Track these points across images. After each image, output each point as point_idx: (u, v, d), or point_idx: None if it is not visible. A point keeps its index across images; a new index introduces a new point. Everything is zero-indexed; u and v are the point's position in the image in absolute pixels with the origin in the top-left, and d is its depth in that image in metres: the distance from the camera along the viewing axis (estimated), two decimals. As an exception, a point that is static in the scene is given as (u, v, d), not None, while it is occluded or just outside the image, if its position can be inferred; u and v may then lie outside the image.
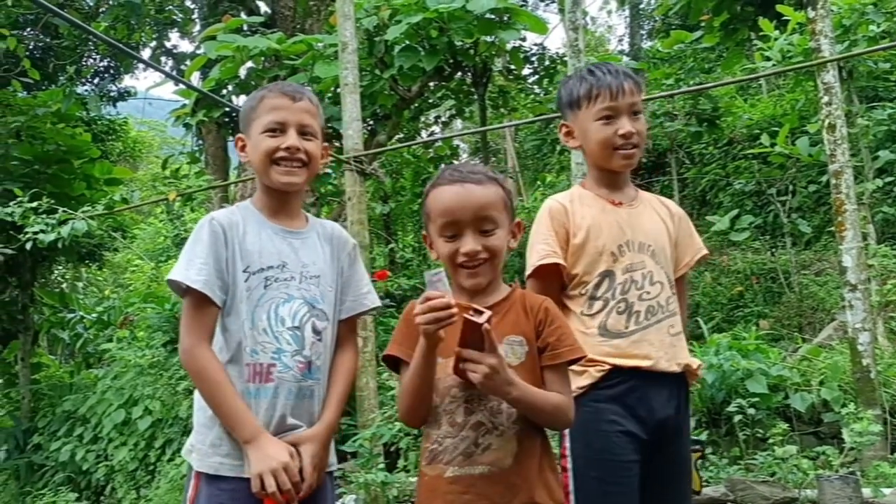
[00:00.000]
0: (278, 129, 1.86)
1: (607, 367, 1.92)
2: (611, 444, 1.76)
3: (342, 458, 4.97)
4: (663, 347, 1.97)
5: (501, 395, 1.58)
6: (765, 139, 7.29)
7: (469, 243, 1.66)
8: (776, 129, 8.14)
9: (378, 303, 2.03)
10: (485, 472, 1.60)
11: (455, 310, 1.54)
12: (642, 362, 1.90)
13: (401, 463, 4.26)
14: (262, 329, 1.80)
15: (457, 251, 1.67)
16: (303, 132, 1.88)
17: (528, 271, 2.03)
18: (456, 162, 11.15)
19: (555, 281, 1.98)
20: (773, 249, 8.88)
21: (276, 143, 1.85)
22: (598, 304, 1.97)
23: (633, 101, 2.03)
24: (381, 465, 4.31)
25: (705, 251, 2.19)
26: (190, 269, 1.78)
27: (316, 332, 1.85)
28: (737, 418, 4.64)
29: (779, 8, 7.19)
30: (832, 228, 5.42)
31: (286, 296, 1.83)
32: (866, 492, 4.01)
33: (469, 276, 1.68)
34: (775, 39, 6.94)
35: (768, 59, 6.91)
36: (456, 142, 11.56)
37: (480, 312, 1.56)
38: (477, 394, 1.62)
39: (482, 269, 1.68)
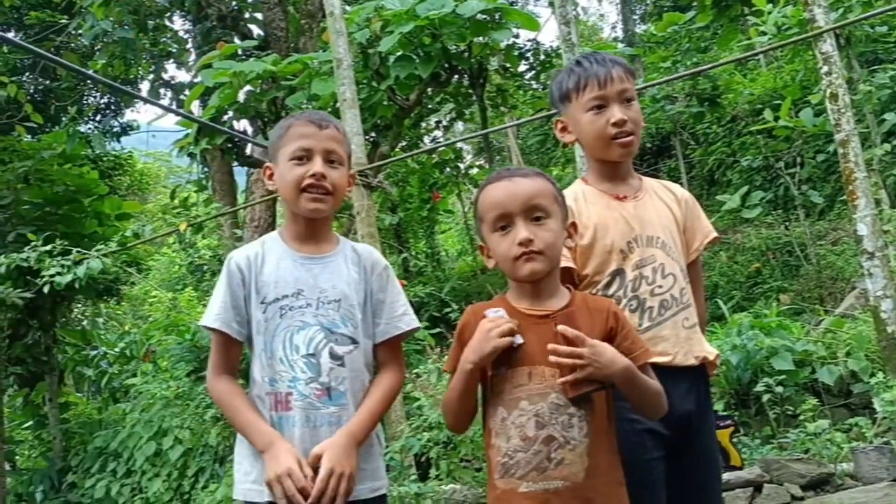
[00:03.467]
0: (305, 157, 1.88)
1: None
2: (632, 444, 1.74)
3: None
4: (679, 342, 1.94)
5: (618, 369, 1.61)
6: (767, 114, 7.26)
7: (522, 231, 1.67)
8: (778, 102, 8.09)
9: (416, 325, 2.01)
10: (559, 488, 1.59)
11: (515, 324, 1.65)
12: (659, 359, 1.87)
13: (432, 472, 4.26)
14: (278, 358, 1.83)
15: (512, 244, 1.68)
16: (329, 159, 1.89)
17: None
18: (461, 165, 11.16)
19: (566, 282, 1.96)
20: (787, 223, 8.81)
21: (303, 171, 1.86)
22: None
23: (622, 88, 1.98)
24: (414, 477, 4.31)
25: (715, 234, 2.15)
26: (211, 312, 1.87)
27: (335, 357, 1.85)
28: (765, 397, 4.61)
29: (769, -19, 7.16)
30: (844, 197, 5.38)
31: (301, 323, 1.85)
32: (903, 461, 3.98)
33: (526, 262, 1.67)
34: (769, 13, 6.89)
35: (764, 33, 6.87)
36: (459, 144, 11.57)
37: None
38: (548, 407, 1.62)
39: (538, 257, 1.67)
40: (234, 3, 9.71)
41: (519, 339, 1.66)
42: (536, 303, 1.71)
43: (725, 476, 3.83)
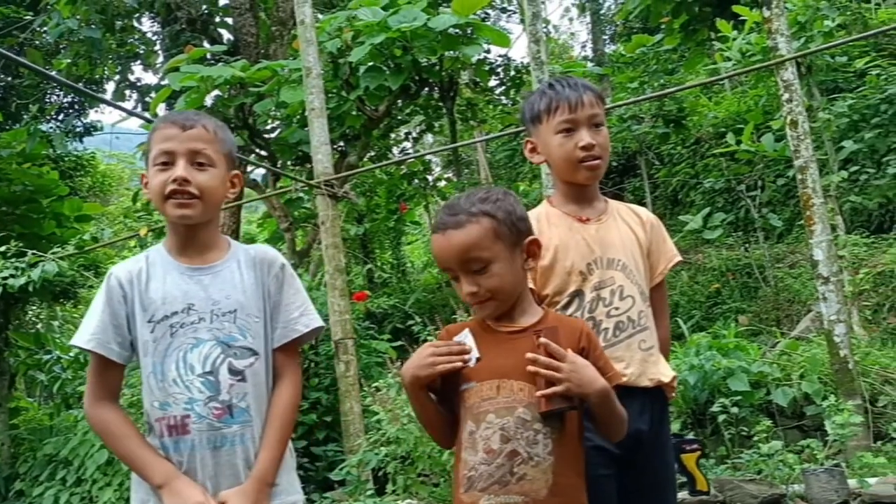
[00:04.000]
0: (168, 161, 1.76)
1: None
2: None
3: (330, 486, 4.93)
4: (633, 363, 1.96)
5: (596, 389, 1.62)
6: (730, 138, 7.40)
7: (465, 286, 1.69)
8: (741, 126, 8.25)
9: (315, 325, 1.87)
10: (519, 503, 1.60)
11: (467, 356, 1.66)
12: None
13: (389, 487, 4.23)
14: (171, 380, 1.72)
15: (464, 292, 1.71)
16: (195, 161, 1.77)
17: None
18: (429, 177, 11.18)
19: None
20: (747, 245, 8.97)
21: (166, 177, 1.75)
22: None
23: (592, 113, 2.02)
24: (370, 492, 4.27)
25: (679, 257, 2.19)
26: (85, 331, 1.76)
27: (235, 372, 1.75)
28: (721, 418, 4.67)
29: (735, 8, 7.32)
30: (802, 221, 5.51)
31: (195, 340, 1.74)
32: (852, 483, 4.05)
33: (480, 307, 1.72)
34: (733, 39, 7.04)
35: (728, 59, 7.01)
36: (428, 156, 11.58)
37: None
38: (514, 422, 1.62)
39: (487, 303, 1.70)
40: (204, 6, 9.62)
41: (474, 356, 1.67)
42: (507, 319, 1.73)
43: (681, 495, 3.86)
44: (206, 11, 9.66)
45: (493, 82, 9.83)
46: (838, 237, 6.10)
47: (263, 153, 7.72)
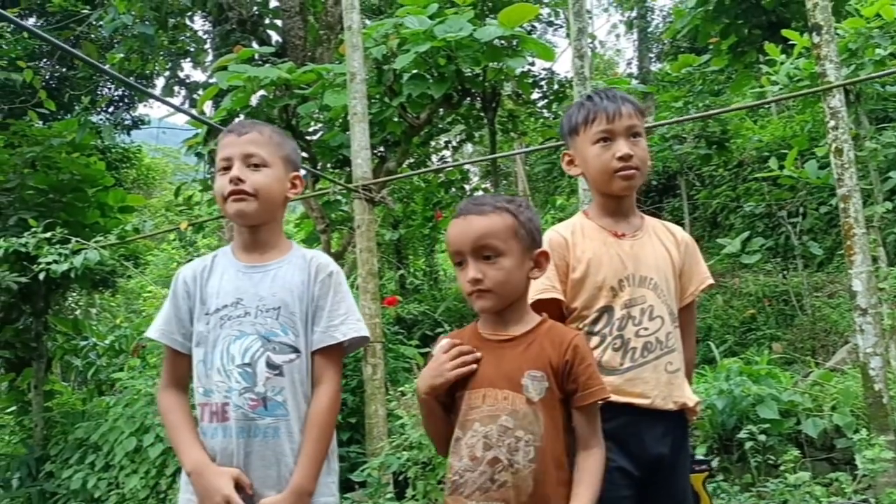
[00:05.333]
0: (227, 166, 1.90)
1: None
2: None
3: (350, 487, 4.96)
4: (659, 385, 1.95)
5: None
6: (773, 163, 7.29)
7: (470, 271, 1.72)
8: (785, 151, 8.14)
9: (354, 334, 1.92)
10: None
11: (476, 354, 1.72)
12: (636, 400, 1.89)
13: (409, 492, 4.24)
14: (216, 369, 1.84)
15: (465, 280, 1.75)
16: (250, 163, 1.90)
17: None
18: (467, 186, 11.20)
19: (553, 314, 1.97)
20: (785, 272, 8.83)
21: (225, 179, 1.89)
22: (595, 340, 1.96)
23: (630, 124, 2.01)
24: (390, 495, 4.29)
25: (711, 280, 2.16)
26: (155, 324, 1.93)
27: (272, 366, 1.83)
28: (748, 445, 4.60)
29: (784, 33, 7.22)
30: (843, 251, 5.40)
31: (238, 332, 1.84)
32: (880, 520, 3.96)
33: (476, 300, 1.74)
34: (781, 63, 6.95)
35: (775, 83, 6.92)
36: (466, 166, 11.62)
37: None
38: (496, 430, 1.65)
39: (487, 295, 1.72)
40: (255, 8, 9.81)
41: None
42: (499, 328, 1.77)
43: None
44: (256, 13, 9.84)
45: (535, 95, 9.82)
46: (880, 269, 5.97)
47: (304, 155, 7.82)
